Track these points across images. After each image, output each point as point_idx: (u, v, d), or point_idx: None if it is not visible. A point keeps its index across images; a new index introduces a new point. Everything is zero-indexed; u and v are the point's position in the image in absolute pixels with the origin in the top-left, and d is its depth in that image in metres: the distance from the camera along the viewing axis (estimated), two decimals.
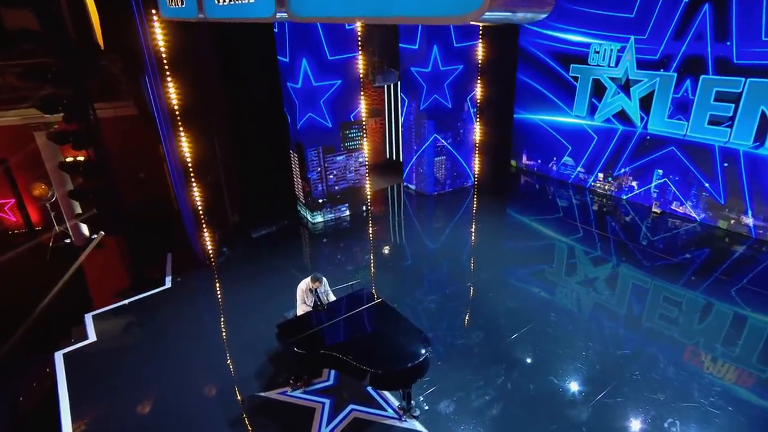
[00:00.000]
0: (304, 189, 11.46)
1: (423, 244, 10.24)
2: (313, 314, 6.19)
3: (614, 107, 11.72)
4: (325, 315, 6.08)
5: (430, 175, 12.70)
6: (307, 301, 6.50)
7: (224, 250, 10.05)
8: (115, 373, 6.72)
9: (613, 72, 11.44)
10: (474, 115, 12.61)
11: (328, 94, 10.63)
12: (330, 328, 5.88)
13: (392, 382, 5.38)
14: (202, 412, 5.94)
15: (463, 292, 8.30)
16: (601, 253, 9.50)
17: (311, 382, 6.32)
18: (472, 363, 6.57)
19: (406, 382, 5.49)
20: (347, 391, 6.18)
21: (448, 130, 12.44)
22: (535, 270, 8.84)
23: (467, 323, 7.44)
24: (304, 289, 6.55)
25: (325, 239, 10.67)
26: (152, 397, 6.27)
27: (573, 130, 12.71)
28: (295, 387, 6.20)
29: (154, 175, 10.91)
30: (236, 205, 11.03)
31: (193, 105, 8.76)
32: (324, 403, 5.98)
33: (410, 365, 5.24)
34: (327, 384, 6.33)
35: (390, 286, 8.49)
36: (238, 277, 9.07)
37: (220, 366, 6.72)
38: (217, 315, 8.06)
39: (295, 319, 6.20)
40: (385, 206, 12.63)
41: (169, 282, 8.93)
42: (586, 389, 6.12)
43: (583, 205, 11.83)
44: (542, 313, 7.61)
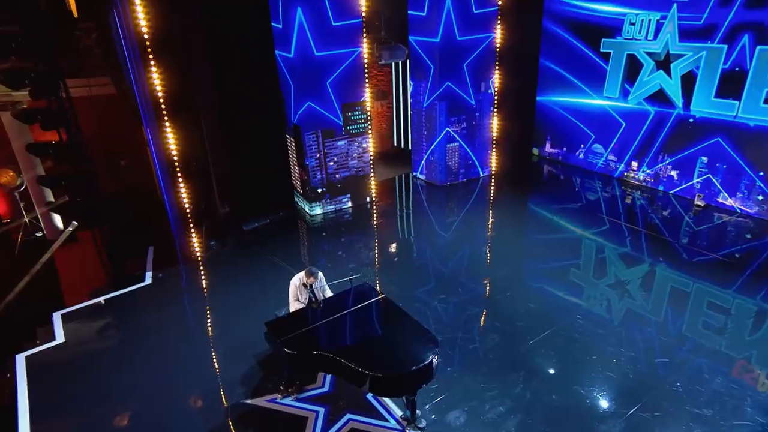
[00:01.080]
0: (302, 177, 11.37)
1: (433, 239, 10.20)
2: (306, 311, 6.11)
3: (651, 87, 11.46)
4: (320, 312, 6.01)
5: (442, 163, 12.60)
6: (301, 297, 6.44)
7: (212, 244, 10.04)
8: (85, 378, 6.67)
9: (652, 46, 11.15)
10: (492, 97, 12.45)
11: (334, 76, 10.47)
12: (325, 327, 5.80)
13: (395, 387, 5.24)
14: (181, 422, 5.88)
15: (478, 291, 8.24)
16: (634, 251, 9.33)
17: (304, 388, 6.25)
18: (486, 369, 6.47)
19: (411, 389, 5.36)
20: (344, 398, 6.09)
21: (462, 114, 12.29)
22: (559, 268, 8.73)
23: (481, 325, 7.38)
24: (297, 284, 6.47)
25: (325, 233, 10.65)
26: (126, 404, 6.21)
27: (603, 113, 12.51)
28: (286, 394, 6.12)
29: (137, 163, 10.85)
30: (226, 194, 10.99)
31: (178, 85, 8.69)
32: (318, 412, 5.90)
33: (415, 369, 5.10)
34: (322, 390, 6.25)
35: (396, 284, 8.40)
36: (226, 273, 9.06)
37: (203, 370, 6.67)
38: (201, 314, 8.05)
39: (287, 316, 6.11)
40: (391, 198, 12.57)
41: (150, 278, 8.91)
42: (617, 401, 5.97)
43: (614, 197, 11.71)
44: (567, 315, 7.50)
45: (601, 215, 10.83)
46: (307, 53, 10.09)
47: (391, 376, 5.09)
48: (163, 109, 8.71)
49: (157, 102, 8.56)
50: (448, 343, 6.96)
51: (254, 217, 11.00)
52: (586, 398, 6.00)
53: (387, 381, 5.09)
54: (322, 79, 10.49)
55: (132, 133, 10.33)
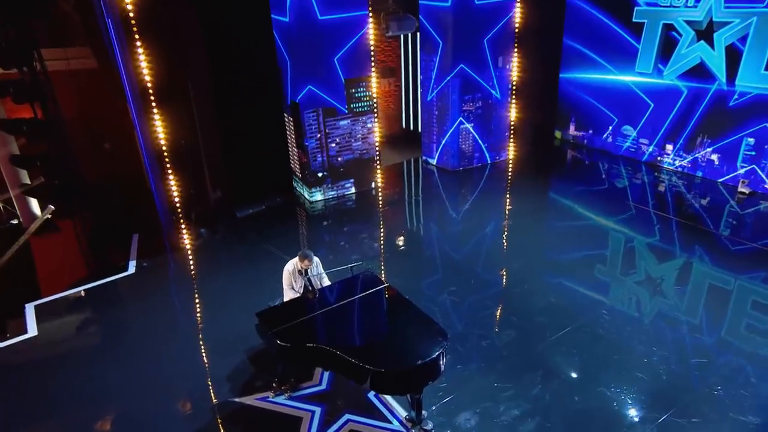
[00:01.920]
0: (301, 160, 11.29)
1: (444, 228, 10.19)
2: (302, 301, 6.04)
3: (690, 60, 11.16)
4: (317, 302, 5.94)
5: (455, 147, 12.47)
6: (296, 285, 6.38)
7: (202, 232, 10.07)
8: (59, 375, 6.62)
9: (692, 14, 10.85)
10: (510, 74, 12.27)
11: (342, 52, 10.30)
12: (322, 317, 5.71)
13: (398, 384, 5.11)
14: (164, 422, 5.84)
15: (492, 283, 8.20)
16: (667, 243, 9.20)
17: (298, 386, 6.18)
18: (501, 367, 6.40)
19: (416, 386, 5.24)
20: (343, 397, 6.03)
21: (477, 92, 12.11)
22: (583, 260, 8.67)
23: (496, 320, 7.32)
24: (291, 270, 6.38)
25: (326, 221, 10.65)
26: (104, 403, 6.15)
27: (632, 92, 12.28)
28: (279, 392, 6.05)
29: (123, 146, 10.79)
30: (218, 178, 10.94)
31: (165, 60, 8.56)
32: (314, 412, 5.83)
33: (421, 364, 4.98)
34: (318, 388, 6.19)
35: (402, 276, 8.31)
36: (217, 263, 9.08)
37: (189, 366, 6.63)
38: (188, 306, 8.05)
39: (280, 306, 6.05)
40: (398, 184, 12.50)
41: (133, 267, 8.92)
42: (648, 405, 5.83)
43: (645, 184, 11.60)
44: (591, 310, 7.40)
45: (630, 203, 10.72)
46: (306, 17, 9.86)
47: (395, 372, 4.98)
48: (150, 91, 8.61)
49: (144, 86, 8.47)
50: (459, 338, 6.88)
51: (249, 203, 10.97)
52: (613, 401, 5.87)
53: (390, 377, 4.98)
54: (325, 51, 10.30)
55: (117, 113, 10.23)
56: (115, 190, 10.81)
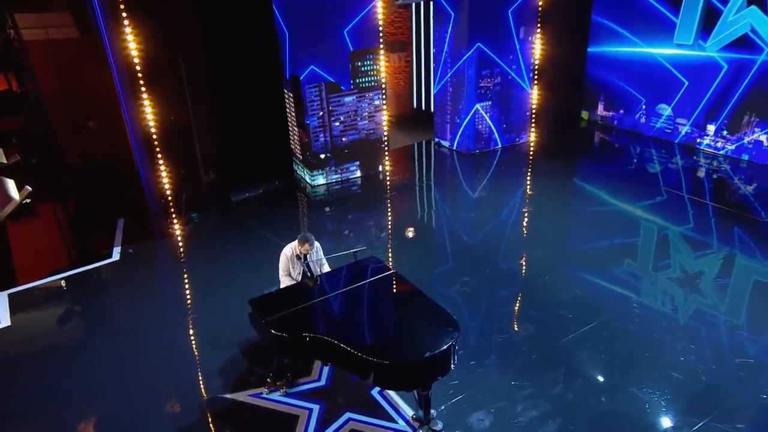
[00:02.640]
0: (302, 140, 11.24)
1: (458, 215, 10.21)
2: (300, 287, 6.03)
3: (738, 28, 10.85)
4: (317, 289, 5.92)
5: (471, 127, 12.37)
6: (293, 272, 6.36)
7: (193, 217, 10.09)
8: (32, 370, 6.58)
9: None
10: (532, 47, 12.10)
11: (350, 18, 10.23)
12: (322, 306, 5.68)
13: (404, 379, 5.04)
14: (148, 419, 5.82)
15: (510, 274, 8.17)
16: (705, 233, 9.06)
17: (295, 381, 6.14)
18: (519, 364, 6.34)
19: (424, 381, 5.16)
20: (344, 394, 6.01)
21: (495, 68, 11.97)
22: (611, 249, 8.59)
23: (514, 313, 7.27)
24: (288, 255, 6.34)
25: (329, 208, 10.69)
26: (82, 401, 6.12)
27: (672, 65, 12.05)
28: (274, 387, 6.03)
29: (108, 124, 10.76)
30: (212, 159, 10.92)
31: (155, 32, 8.49)
32: (311, 410, 5.79)
33: (429, 356, 4.89)
34: (317, 384, 6.15)
35: (412, 266, 8.24)
36: (209, 250, 9.11)
37: (177, 360, 6.64)
38: (177, 296, 8.07)
39: (276, 292, 6.04)
40: (409, 167, 12.47)
41: (118, 254, 8.95)
42: (685, 408, 5.70)
43: (683, 169, 11.48)
44: (620, 303, 7.31)
45: (664, 188, 10.64)
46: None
47: (400, 364, 4.91)
48: (137, 65, 8.55)
49: (131, 60, 8.42)
50: (472, 332, 6.85)
51: (244, 187, 10.99)
52: (645, 403, 5.76)
53: (395, 370, 4.90)
54: (327, 19, 10.17)
55: (102, 88, 10.16)
56: (99, 171, 10.78)
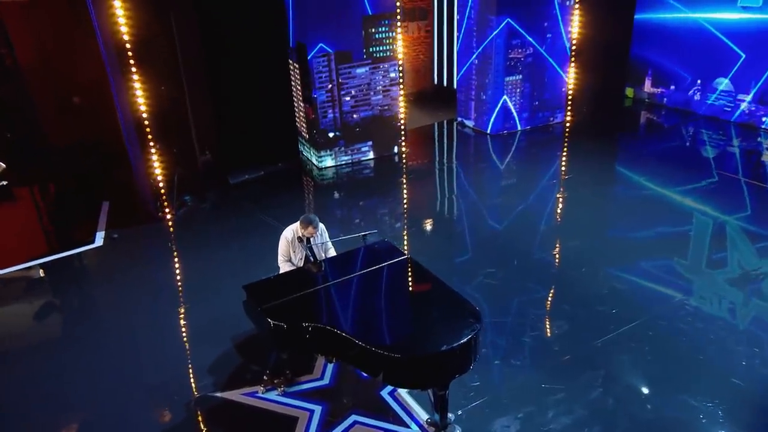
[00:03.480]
0: (308, 116, 11.21)
1: (483, 201, 10.22)
2: (302, 273, 6.01)
3: None
4: (321, 275, 5.87)
5: (498, 105, 12.25)
6: (295, 257, 6.33)
7: (186, 200, 10.18)
8: (3, 367, 6.60)
9: None
10: (570, 14, 11.99)
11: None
12: (326, 293, 5.62)
13: (418, 376, 4.92)
14: (131, 420, 5.85)
15: (541, 265, 8.13)
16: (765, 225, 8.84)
17: (295, 379, 6.10)
18: (550, 365, 6.25)
19: (440, 379, 5.02)
20: (350, 394, 5.98)
21: (527, 36, 11.85)
22: (657, 240, 8.52)
23: (546, 308, 7.24)
24: (289, 238, 6.29)
25: (337, 192, 10.77)
26: (60, 400, 6.11)
27: (732, 33, 11.78)
28: (271, 386, 5.99)
29: (94, 98, 10.73)
30: (207, 137, 10.95)
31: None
32: (312, 411, 5.74)
33: (446, 350, 4.76)
34: (319, 383, 6.11)
35: (431, 256, 8.09)
36: (203, 236, 9.19)
37: (164, 355, 6.67)
38: (166, 285, 8.09)
39: (275, 278, 6.00)
40: (428, 149, 12.50)
41: (101, 239, 9.02)
42: (751, 420, 5.52)
43: (747, 154, 11.25)
44: (668, 299, 7.21)
45: (719, 172, 10.51)
46: None
47: (413, 359, 4.78)
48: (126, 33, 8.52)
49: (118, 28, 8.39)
50: (497, 328, 6.79)
51: (244, 168, 11.05)
52: (699, 413, 5.60)
53: (407, 365, 4.78)
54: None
55: (88, 60, 10.14)
56: (83, 150, 10.80)
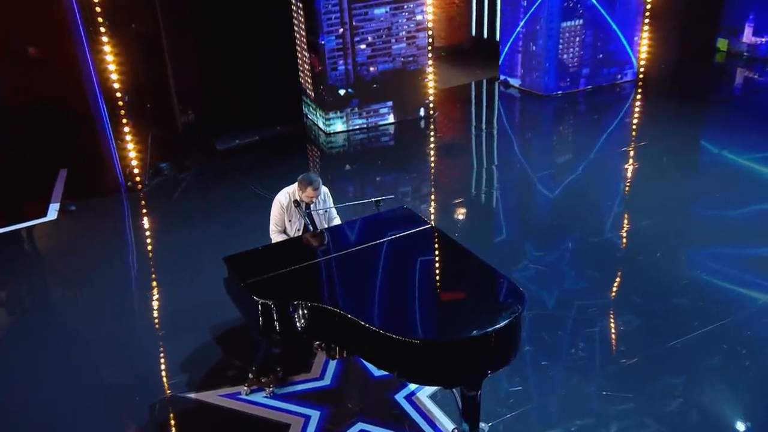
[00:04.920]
0: (314, 69, 11.18)
1: (531, 175, 10.26)
2: (299, 243, 6.11)
3: None
4: (322, 246, 5.96)
5: (552, 59, 12.20)
6: (290, 227, 6.37)
7: (162, 168, 10.32)
8: None
9: None
10: None
11: None
12: (328, 267, 5.63)
13: (441, 370, 4.77)
14: (85, 425, 5.90)
15: (604, 248, 8.16)
16: None
17: (287, 378, 6.11)
18: (614, 369, 6.20)
19: (470, 374, 4.85)
20: (356, 398, 5.99)
21: None
22: (751, 219, 8.49)
23: (609, 300, 7.22)
24: (284, 203, 6.29)
25: (349, 164, 10.93)
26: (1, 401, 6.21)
27: None
28: (257, 386, 5.98)
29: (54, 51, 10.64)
30: (190, 93, 11.03)
31: None
32: (309, 417, 5.73)
33: (478, 335, 4.59)
34: (318, 384, 6.12)
35: (467, 238, 8.18)
36: (181, 210, 9.40)
37: (128, 348, 6.74)
38: (132, 266, 8.25)
39: (265, 248, 6.02)
40: (463, 113, 12.49)
41: (55, 212, 9.16)
42: None
43: None
44: None
45: None
46: None
47: (435, 346, 4.65)
48: None
49: None
50: (545, 322, 6.76)
51: (234, 131, 11.18)
52: None
53: (427, 354, 4.65)
54: None
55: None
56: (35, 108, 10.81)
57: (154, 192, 9.70)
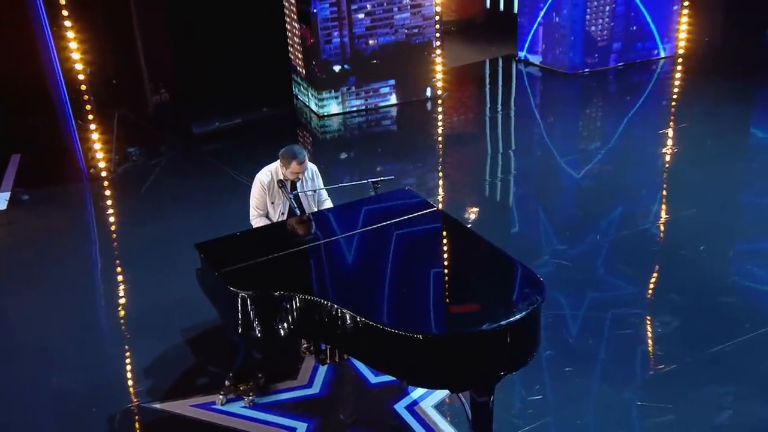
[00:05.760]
0: (305, 42, 11.20)
1: (554, 161, 10.38)
2: (283, 227, 6.14)
3: None
4: (311, 231, 5.99)
5: (578, 32, 12.21)
6: (273, 211, 6.40)
7: (131, 153, 10.39)
8: None
9: None
10: None
11: None
12: (317, 254, 5.62)
13: (446, 371, 4.70)
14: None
15: (638, 241, 8.20)
16: None
17: (270, 386, 6.08)
18: (650, 376, 6.20)
19: (480, 376, 4.80)
20: (349, 408, 5.97)
21: None
22: None
23: (645, 299, 7.26)
24: (266, 183, 6.32)
25: (345, 152, 10.96)
26: None
27: None
28: (235, 394, 5.94)
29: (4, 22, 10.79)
30: (163, 69, 11.08)
31: None
32: (295, 430, 5.72)
33: (488, 329, 4.53)
34: (305, 392, 6.09)
35: (482, 231, 8.18)
36: (151, 201, 9.44)
37: (85, 353, 6.72)
38: (93, 263, 8.29)
39: (244, 234, 6.06)
40: (476, 93, 12.63)
41: (4, 202, 9.25)
42: None
43: None
44: None
45: None
46: None
47: (440, 341, 4.60)
48: None
49: None
50: (570, 324, 6.81)
51: (214, 113, 11.19)
52: None
53: (431, 351, 4.59)
54: None
55: None
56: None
57: (121, 180, 9.71)
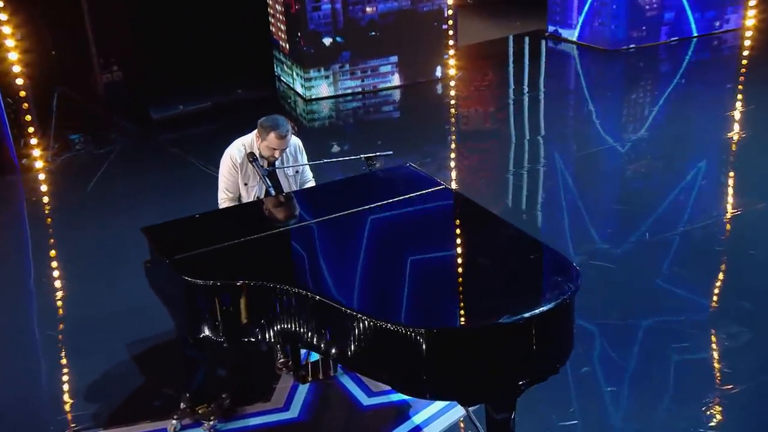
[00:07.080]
0: (290, 10, 11.29)
1: (592, 148, 10.70)
2: (256, 207, 6.26)
3: None
4: (290, 211, 6.12)
5: (622, 1, 12.30)
6: (247, 194, 6.48)
7: (74, 140, 10.62)
8: None
9: None
10: None
11: None
12: (298, 237, 5.72)
13: (457, 376, 4.65)
14: None
15: (697, 240, 8.37)
16: None
17: (236, 409, 6.09)
18: (714, 395, 6.18)
19: (498, 383, 4.74)
20: None
21: None
22: None
23: (708, 307, 7.32)
24: (238, 160, 6.36)
25: (336, 142, 11.07)
26: None
27: None
28: (191, 418, 5.93)
29: None
30: (116, 43, 11.14)
31: None
32: None
33: (509, 322, 4.47)
34: (282, 417, 6.08)
35: None
36: (99, 195, 9.58)
37: (14, 372, 6.80)
38: (28, 265, 8.48)
39: (205, 215, 6.07)
40: (497, 74, 12.89)
41: None
42: None
43: None
44: None
45: None
46: None
47: (447, 334, 4.55)
48: None
49: None
50: (613, 336, 6.85)
51: (177, 95, 11.32)
52: None
53: (438, 350, 4.51)
54: None
55: None
56: None
57: (61, 172, 9.90)
